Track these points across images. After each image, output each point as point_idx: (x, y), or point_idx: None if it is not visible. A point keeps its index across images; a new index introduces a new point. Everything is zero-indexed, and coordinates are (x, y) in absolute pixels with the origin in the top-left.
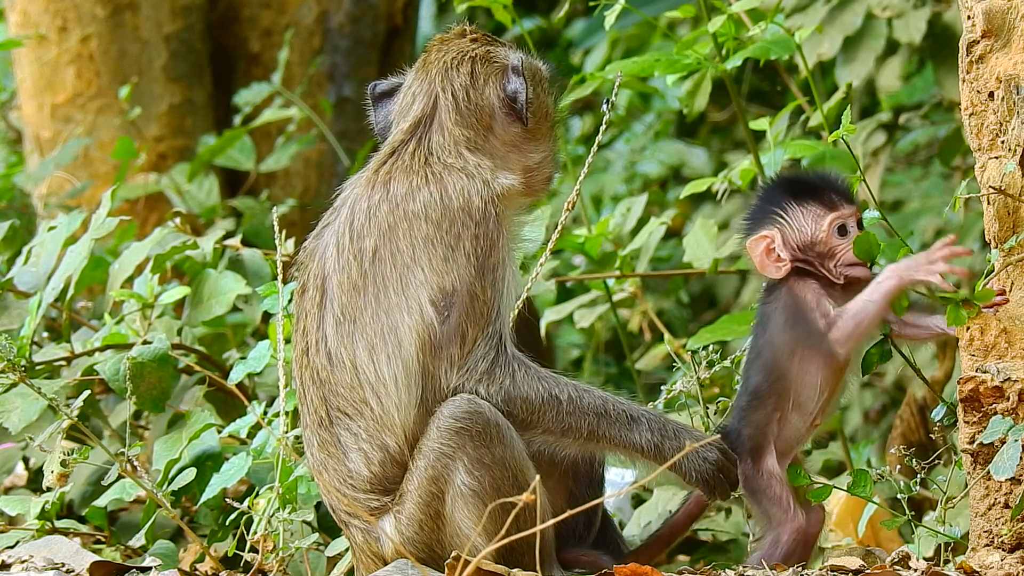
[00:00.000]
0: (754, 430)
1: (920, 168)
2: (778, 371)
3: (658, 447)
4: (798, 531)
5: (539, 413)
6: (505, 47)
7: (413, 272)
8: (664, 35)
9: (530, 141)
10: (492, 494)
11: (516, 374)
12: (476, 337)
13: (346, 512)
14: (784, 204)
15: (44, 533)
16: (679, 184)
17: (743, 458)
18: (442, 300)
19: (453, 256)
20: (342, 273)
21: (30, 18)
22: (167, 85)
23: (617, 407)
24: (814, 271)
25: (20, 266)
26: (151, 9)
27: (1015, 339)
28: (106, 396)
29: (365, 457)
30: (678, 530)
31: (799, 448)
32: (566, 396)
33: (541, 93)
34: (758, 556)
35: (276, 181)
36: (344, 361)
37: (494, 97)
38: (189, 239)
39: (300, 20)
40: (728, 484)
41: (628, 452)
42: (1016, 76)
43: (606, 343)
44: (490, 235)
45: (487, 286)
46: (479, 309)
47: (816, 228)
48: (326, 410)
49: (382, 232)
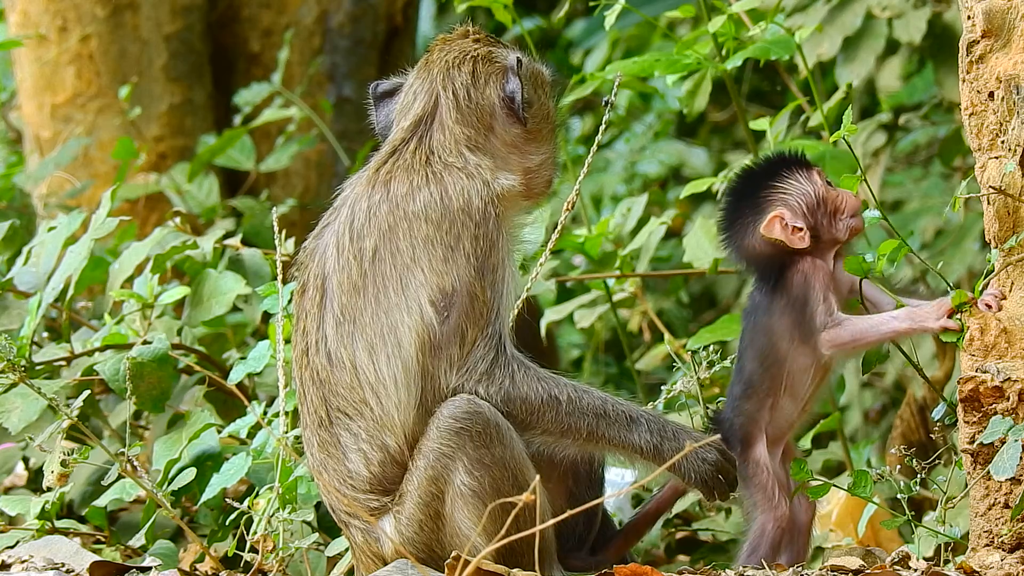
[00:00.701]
0: (746, 419)
1: (920, 168)
2: (773, 355)
3: (657, 448)
4: (781, 519)
5: (538, 414)
6: (508, 49)
7: (413, 272)
8: (664, 35)
9: (531, 143)
10: (492, 494)
11: (516, 374)
12: (476, 337)
13: (346, 512)
14: (771, 183)
15: (44, 533)
16: (679, 184)
17: (733, 446)
18: (442, 300)
19: (453, 256)
20: (342, 273)
21: (30, 18)
22: (167, 85)
23: (616, 408)
24: (823, 237)
25: (20, 266)
26: (151, 9)
27: (1015, 339)
28: (106, 396)
29: (364, 457)
30: (663, 506)
31: (790, 434)
32: (565, 397)
33: (542, 95)
34: (747, 548)
35: (276, 181)
36: (344, 361)
37: (495, 97)
38: (189, 239)
39: (300, 20)
40: (727, 484)
41: (627, 453)
42: (1016, 76)
43: (606, 343)
44: (490, 235)
45: (487, 286)
46: (478, 309)
47: (812, 185)
48: (326, 410)
49: (382, 232)
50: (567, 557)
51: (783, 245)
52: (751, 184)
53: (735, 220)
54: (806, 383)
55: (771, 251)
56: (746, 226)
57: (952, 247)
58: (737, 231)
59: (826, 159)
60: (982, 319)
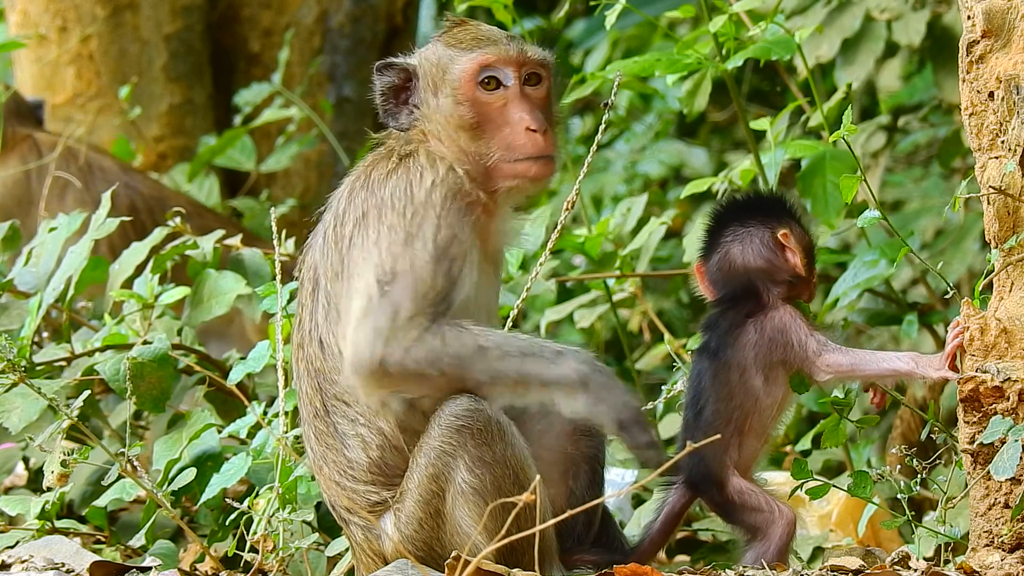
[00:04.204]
0: (715, 462)
1: (920, 168)
2: (744, 392)
3: (585, 377)
4: (790, 524)
5: (467, 365)
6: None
7: (371, 256)
8: (664, 35)
9: (461, 129)
10: (493, 492)
11: (447, 335)
12: (414, 314)
13: (345, 509)
14: (787, 206)
15: (44, 533)
16: (679, 184)
17: (708, 489)
18: (385, 277)
19: (411, 242)
20: (326, 260)
21: (30, 18)
22: (167, 85)
23: (544, 346)
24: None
25: (20, 266)
26: (151, 9)
27: (1015, 339)
28: (106, 396)
29: (363, 442)
30: (673, 521)
31: (755, 467)
32: (492, 343)
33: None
34: (752, 555)
35: (276, 181)
36: (333, 347)
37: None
38: (189, 239)
39: (300, 20)
40: (644, 434)
41: (556, 388)
42: (1016, 76)
43: (606, 343)
44: (452, 226)
45: (439, 274)
46: (422, 292)
47: (810, 238)
48: (321, 399)
49: (356, 219)
50: (581, 553)
51: (772, 269)
52: (763, 200)
53: (738, 227)
54: (771, 419)
55: (760, 272)
56: (751, 236)
57: (952, 247)
58: (738, 238)
59: (826, 159)
60: (982, 319)
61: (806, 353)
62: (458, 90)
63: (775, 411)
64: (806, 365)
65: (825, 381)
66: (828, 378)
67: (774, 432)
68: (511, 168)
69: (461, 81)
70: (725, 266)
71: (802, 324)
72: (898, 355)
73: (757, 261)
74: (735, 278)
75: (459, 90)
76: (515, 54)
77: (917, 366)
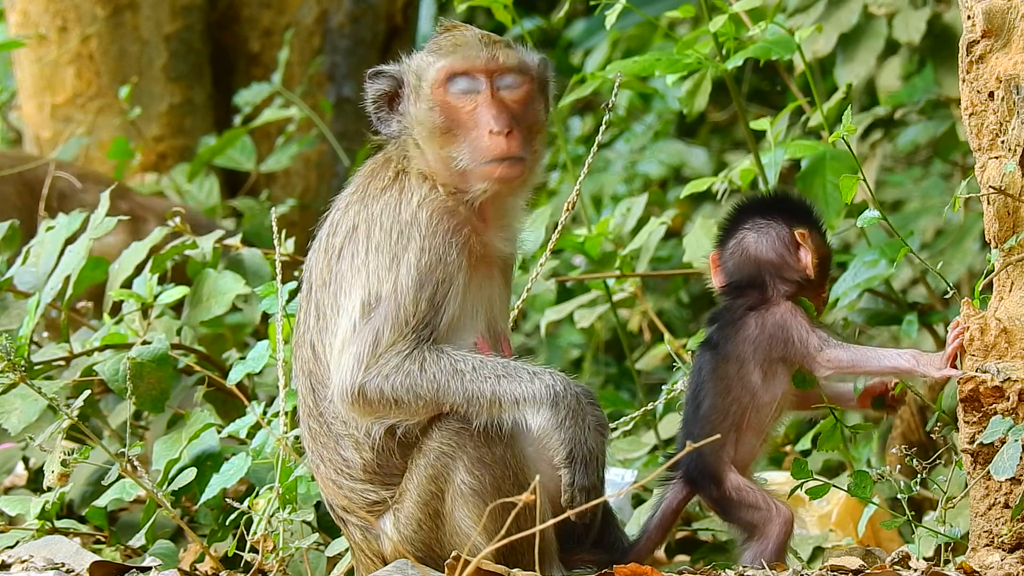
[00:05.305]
0: (713, 457)
1: (920, 168)
2: (741, 386)
3: (556, 396)
4: (788, 522)
5: (444, 389)
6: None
7: (359, 276)
8: (665, 35)
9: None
10: (492, 493)
11: (426, 360)
12: (394, 341)
13: (343, 508)
14: (810, 209)
15: (44, 533)
16: (679, 184)
17: (706, 485)
18: (370, 300)
19: (396, 266)
20: (316, 268)
21: (30, 18)
22: (167, 85)
23: (519, 368)
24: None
25: (20, 266)
26: (151, 9)
27: (1015, 339)
28: (106, 396)
29: (356, 443)
30: (671, 517)
31: (752, 466)
32: (469, 367)
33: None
34: (750, 555)
35: (276, 181)
36: (322, 354)
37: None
38: (188, 239)
39: (300, 20)
40: (585, 476)
41: (527, 405)
42: (1016, 76)
43: (606, 343)
44: (437, 249)
45: (422, 299)
46: (404, 319)
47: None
48: (314, 400)
49: (347, 232)
50: (581, 553)
51: (783, 264)
52: (790, 201)
53: (759, 218)
54: (769, 417)
55: (770, 265)
56: (770, 228)
57: (952, 247)
58: (757, 228)
59: (826, 159)
60: (982, 319)
61: (807, 349)
62: (431, 95)
63: (774, 410)
64: (807, 361)
65: (826, 377)
66: (829, 374)
67: (774, 432)
68: (480, 171)
69: (433, 87)
70: (738, 252)
71: (803, 320)
72: (899, 352)
73: (769, 254)
74: (745, 267)
75: (432, 95)
76: (484, 60)
77: (918, 364)
